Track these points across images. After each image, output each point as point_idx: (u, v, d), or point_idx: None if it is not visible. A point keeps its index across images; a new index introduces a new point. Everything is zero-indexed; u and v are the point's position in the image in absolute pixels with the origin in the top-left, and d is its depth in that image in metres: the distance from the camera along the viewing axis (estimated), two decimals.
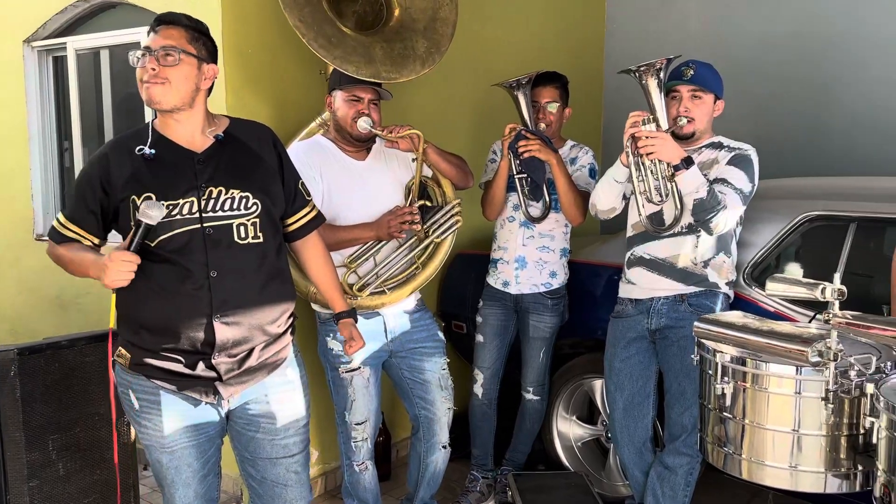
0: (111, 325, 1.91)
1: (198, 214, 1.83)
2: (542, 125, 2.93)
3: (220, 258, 1.84)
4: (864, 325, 1.74)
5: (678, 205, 2.41)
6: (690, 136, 2.53)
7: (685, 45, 3.81)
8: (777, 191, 2.88)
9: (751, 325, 1.87)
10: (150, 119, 1.94)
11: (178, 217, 1.82)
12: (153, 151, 1.84)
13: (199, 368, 1.86)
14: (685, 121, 2.49)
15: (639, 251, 2.60)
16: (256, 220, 1.89)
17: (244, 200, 1.88)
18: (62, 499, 2.43)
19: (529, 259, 2.98)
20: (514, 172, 2.87)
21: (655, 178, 2.40)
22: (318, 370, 2.73)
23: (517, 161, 2.84)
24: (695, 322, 1.98)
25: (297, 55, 2.87)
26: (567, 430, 3.23)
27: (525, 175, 2.87)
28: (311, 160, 2.51)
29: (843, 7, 3.82)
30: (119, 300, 1.88)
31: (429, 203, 2.68)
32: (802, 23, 3.92)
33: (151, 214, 1.75)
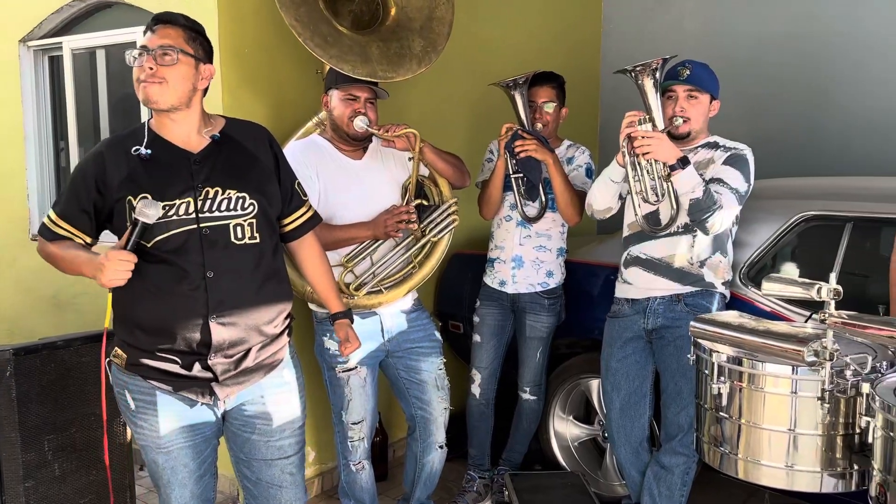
0: (107, 325, 1.90)
1: (194, 215, 1.82)
2: (539, 125, 2.93)
3: (217, 259, 1.83)
4: (860, 325, 1.74)
5: (674, 204, 2.42)
6: (686, 136, 2.53)
7: (682, 46, 3.81)
8: (773, 191, 2.89)
9: (747, 325, 1.87)
10: (146, 118, 1.93)
11: (175, 217, 1.81)
12: (149, 151, 1.83)
13: (196, 369, 1.85)
14: (681, 121, 2.49)
15: (635, 251, 2.60)
16: (253, 221, 1.88)
17: (241, 201, 1.87)
18: (58, 499, 2.43)
19: (526, 258, 2.98)
20: (511, 172, 2.87)
21: (651, 178, 2.40)
22: (315, 369, 2.73)
23: (514, 160, 2.84)
24: (691, 322, 1.98)
25: (294, 55, 2.86)
26: (564, 430, 3.23)
27: (521, 175, 2.87)
28: (308, 159, 2.51)
29: (840, 8, 3.83)
30: (115, 300, 1.88)
31: (425, 202, 2.68)
32: (799, 23, 3.93)
33: (149, 213, 1.75)
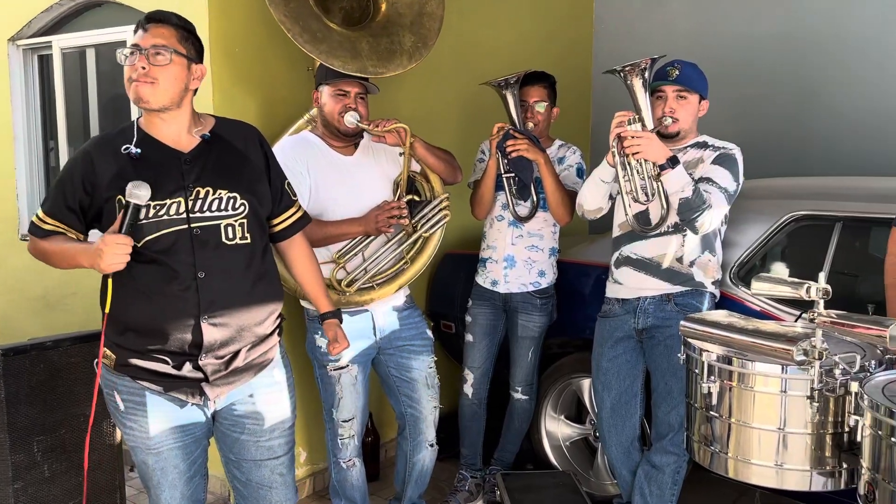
0: (107, 310, 1.79)
1: (185, 215, 1.81)
2: (530, 124, 2.93)
3: (208, 259, 1.82)
4: (849, 324, 1.74)
5: (664, 204, 2.42)
6: (676, 136, 2.54)
7: (672, 46, 3.82)
8: (763, 191, 2.90)
9: (736, 325, 1.88)
10: (136, 117, 1.92)
11: (165, 217, 1.80)
12: (139, 151, 1.82)
13: (186, 369, 1.85)
14: (670, 120, 2.50)
15: (626, 251, 2.61)
16: (244, 221, 1.88)
17: (232, 201, 1.86)
18: (47, 500, 2.42)
19: (518, 258, 2.98)
20: (503, 171, 2.87)
21: (641, 178, 2.41)
22: (306, 369, 2.72)
23: (505, 160, 2.84)
24: (681, 321, 1.98)
25: (285, 52, 2.86)
26: (555, 430, 3.23)
27: (513, 174, 2.87)
28: (298, 155, 2.50)
29: (828, 9, 3.85)
30: (102, 303, 1.86)
31: (417, 198, 2.67)
32: (788, 24, 3.95)
33: (139, 194, 1.73)
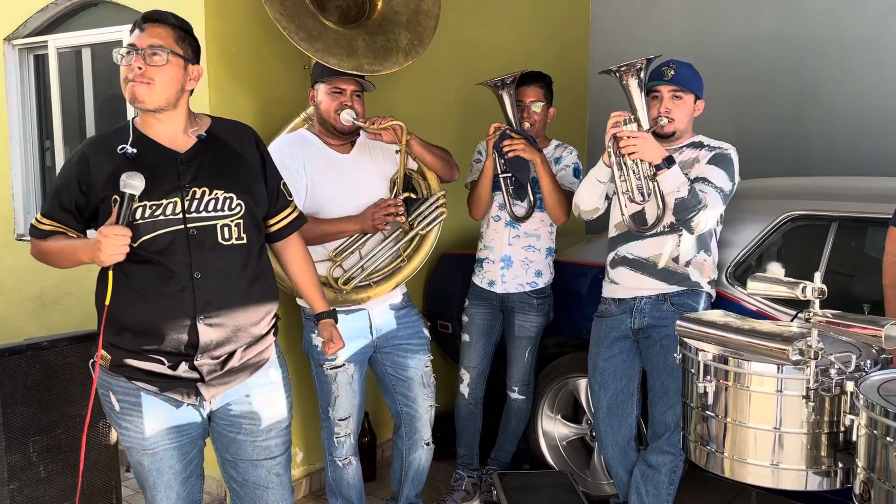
0: (107, 302, 1.77)
1: (181, 215, 1.81)
2: (527, 124, 2.93)
3: (204, 259, 1.82)
4: (845, 324, 1.74)
5: (660, 204, 2.42)
6: (671, 136, 2.54)
7: (669, 46, 3.84)
8: (759, 191, 2.90)
9: (732, 324, 1.88)
10: (131, 117, 1.92)
11: (162, 218, 1.80)
12: (135, 150, 1.81)
13: (182, 369, 1.84)
14: (666, 120, 2.50)
15: (622, 251, 2.61)
16: (240, 221, 1.87)
17: (228, 201, 1.86)
18: (43, 501, 2.41)
19: (515, 258, 2.98)
20: (499, 172, 2.87)
21: (637, 178, 2.41)
22: (303, 368, 2.72)
23: (502, 160, 2.84)
24: (677, 321, 1.98)
25: (281, 51, 2.86)
26: (552, 429, 3.23)
27: (510, 174, 2.87)
28: (295, 153, 2.50)
29: (826, 10, 3.85)
30: (99, 301, 1.86)
31: (414, 195, 2.67)
32: (785, 24, 3.95)
33: (134, 184, 1.73)
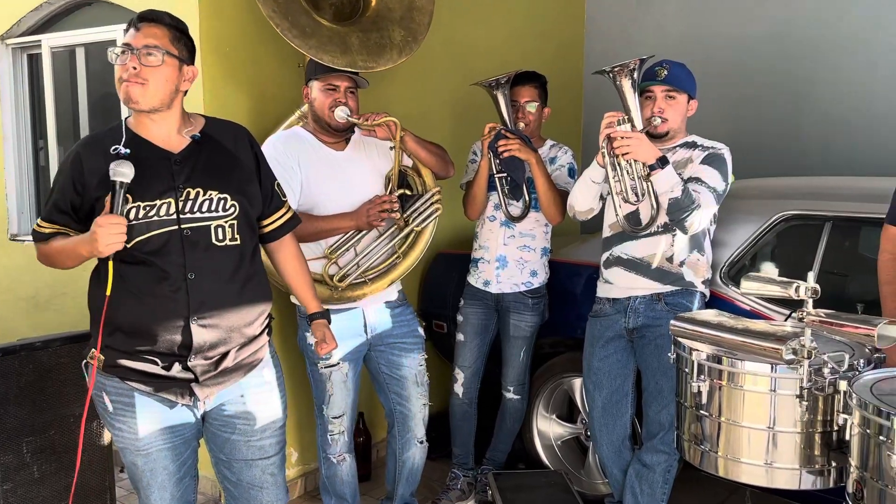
0: (108, 293, 1.77)
1: (175, 216, 1.80)
2: (522, 124, 2.93)
3: (198, 260, 1.82)
4: (838, 323, 1.74)
5: (654, 204, 2.43)
6: (665, 136, 2.55)
7: (664, 47, 3.84)
8: (753, 191, 2.91)
9: (726, 324, 1.88)
10: (124, 117, 1.91)
11: (156, 218, 1.79)
12: (128, 151, 1.80)
13: (175, 370, 1.84)
14: (659, 120, 2.50)
15: (617, 251, 2.61)
16: (234, 222, 1.87)
17: (222, 202, 1.86)
18: (37, 502, 2.41)
19: (510, 258, 2.98)
20: (495, 172, 2.87)
21: (631, 178, 2.42)
22: (298, 367, 2.72)
23: (497, 160, 2.85)
24: (671, 320, 1.99)
25: (276, 50, 2.85)
26: (547, 429, 3.24)
27: (505, 174, 2.87)
28: (289, 149, 2.50)
29: (819, 11, 3.87)
30: (93, 301, 1.86)
31: (409, 192, 2.67)
32: (780, 25, 3.97)
33: (125, 172, 1.72)
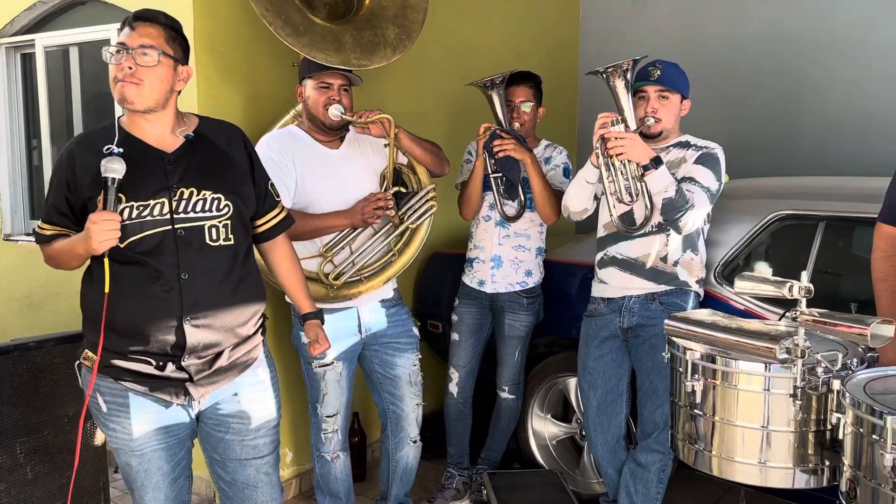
0: (107, 290, 1.77)
1: (169, 215, 1.80)
2: (517, 124, 2.94)
3: (192, 260, 1.81)
4: (831, 323, 1.74)
5: (648, 204, 2.43)
6: (658, 136, 2.55)
7: (659, 47, 3.84)
8: (747, 190, 2.92)
9: (720, 323, 1.88)
10: (117, 116, 1.91)
11: (149, 218, 1.79)
12: (121, 150, 1.80)
13: (169, 370, 1.84)
14: (652, 120, 2.51)
15: (611, 251, 2.61)
16: (228, 222, 1.87)
17: (216, 202, 1.85)
18: (30, 502, 2.40)
19: (505, 258, 2.98)
20: (490, 171, 2.88)
21: (625, 179, 2.42)
22: (292, 366, 2.72)
23: (492, 160, 2.85)
24: (665, 320, 1.99)
25: (270, 50, 2.85)
26: (542, 429, 3.24)
27: (500, 174, 2.87)
28: (284, 148, 2.50)
29: (814, 11, 3.88)
30: (86, 301, 1.85)
31: (404, 190, 2.67)
32: (774, 26, 3.98)
33: (116, 168, 1.72)
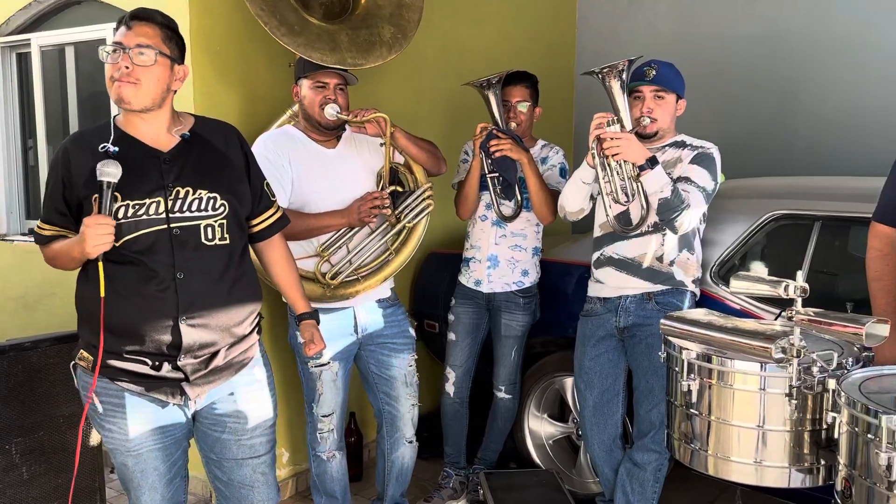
0: (102, 294, 1.77)
1: (164, 215, 1.79)
2: (513, 124, 2.93)
3: (187, 259, 1.81)
4: (827, 322, 1.75)
5: (644, 204, 2.43)
6: (654, 136, 2.55)
7: (655, 47, 3.86)
8: (743, 190, 2.92)
9: (715, 323, 1.89)
10: (113, 115, 1.90)
11: (144, 217, 1.78)
12: (116, 149, 1.79)
13: (165, 369, 1.83)
14: (648, 120, 2.51)
15: (608, 251, 2.62)
16: (224, 222, 1.86)
17: (212, 201, 1.85)
18: (26, 503, 2.39)
19: (502, 258, 2.99)
20: (486, 171, 2.88)
21: (621, 179, 2.42)
22: (289, 366, 2.71)
23: (489, 160, 2.85)
24: (661, 320, 1.99)
25: (266, 49, 2.85)
26: (538, 428, 3.24)
27: (497, 174, 2.87)
28: (280, 147, 2.50)
29: (809, 11, 3.89)
30: (81, 301, 1.85)
31: (400, 188, 2.67)
32: (770, 26, 3.98)
33: (111, 171, 1.72)
